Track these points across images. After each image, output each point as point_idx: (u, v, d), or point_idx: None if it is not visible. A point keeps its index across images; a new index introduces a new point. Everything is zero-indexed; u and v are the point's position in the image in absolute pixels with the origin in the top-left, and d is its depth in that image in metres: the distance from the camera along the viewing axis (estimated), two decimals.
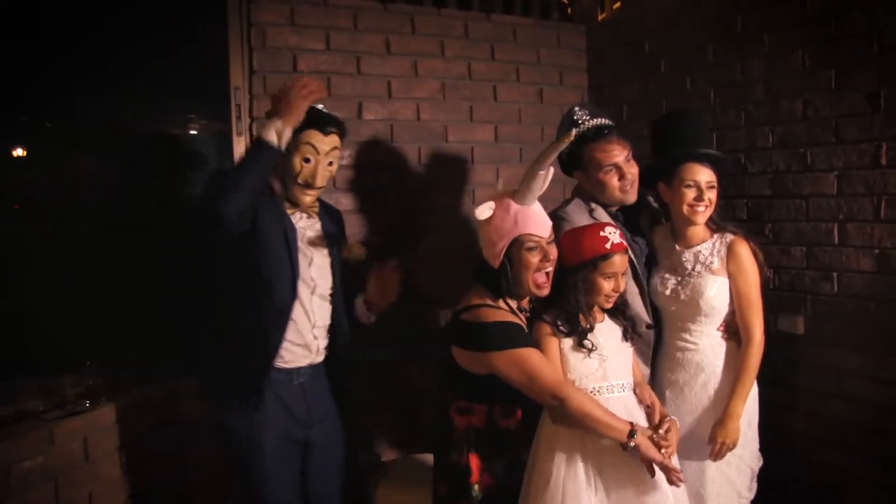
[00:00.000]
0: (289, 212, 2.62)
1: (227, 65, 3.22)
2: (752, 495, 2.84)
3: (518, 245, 2.38)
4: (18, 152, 3.22)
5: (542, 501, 2.35)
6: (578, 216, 2.77)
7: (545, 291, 2.44)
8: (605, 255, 2.42)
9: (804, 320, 3.14)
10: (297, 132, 2.48)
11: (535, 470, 2.43)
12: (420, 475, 2.98)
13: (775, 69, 3.16)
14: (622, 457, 2.32)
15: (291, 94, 2.39)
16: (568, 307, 2.45)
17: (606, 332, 2.51)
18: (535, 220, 2.39)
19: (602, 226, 2.51)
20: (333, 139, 2.60)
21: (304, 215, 2.66)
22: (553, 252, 2.42)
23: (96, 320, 3.14)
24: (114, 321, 3.18)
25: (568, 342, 2.44)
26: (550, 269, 2.42)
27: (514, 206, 2.40)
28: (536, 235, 2.38)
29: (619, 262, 2.45)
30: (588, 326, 2.46)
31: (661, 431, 2.36)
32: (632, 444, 2.26)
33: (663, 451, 2.32)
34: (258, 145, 2.36)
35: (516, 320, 2.39)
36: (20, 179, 3.19)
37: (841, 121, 2.95)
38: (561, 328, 2.44)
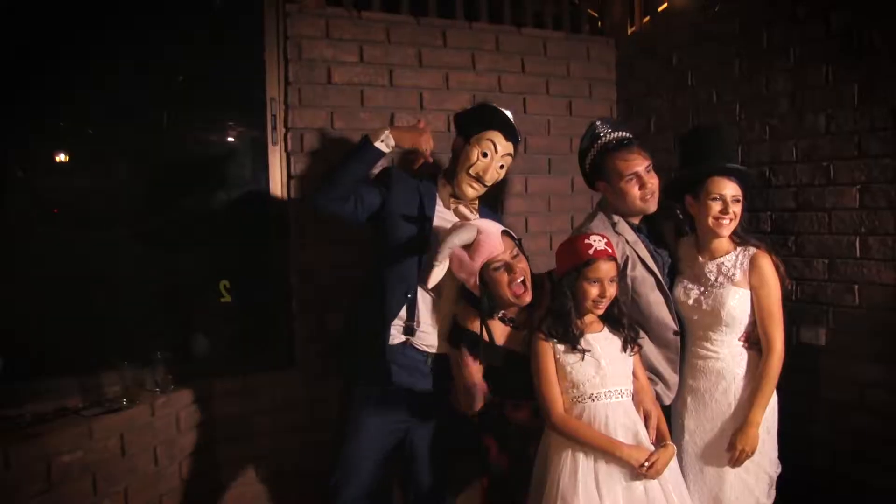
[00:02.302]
0: (451, 205, 2.85)
1: (264, 76, 3.33)
2: (770, 502, 2.87)
3: (486, 270, 2.60)
4: (61, 158, 3.33)
5: (543, 501, 2.49)
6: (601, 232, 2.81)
7: (526, 299, 2.62)
8: (589, 261, 2.53)
9: (826, 332, 3.17)
10: (484, 129, 2.79)
11: (541, 469, 2.58)
12: None
13: (800, 84, 3.21)
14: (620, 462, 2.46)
15: (419, 132, 2.90)
16: (558, 313, 2.57)
17: (604, 341, 2.60)
18: (489, 247, 2.57)
19: (588, 235, 2.61)
20: (510, 147, 2.85)
21: (466, 210, 2.84)
22: (518, 264, 2.61)
23: (133, 322, 3.25)
24: (149, 323, 3.29)
25: (560, 347, 2.55)
26: (522, 278, 2.60)
27: (458, 251, 2.58)
28: (496, 259, 2.58)
29: (605, 268, 2.54)
30: (578, 332, 2.55)
31: (645, 464, 2.44)
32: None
33: (644, 471, 2.44)
34: (364, 142, 2.71)
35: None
36: (62, 185, 3.30)
37: (863, 135, 2.99)
38: (552, 333, 2.56)
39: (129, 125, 3.28)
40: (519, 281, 2.59)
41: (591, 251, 2.53)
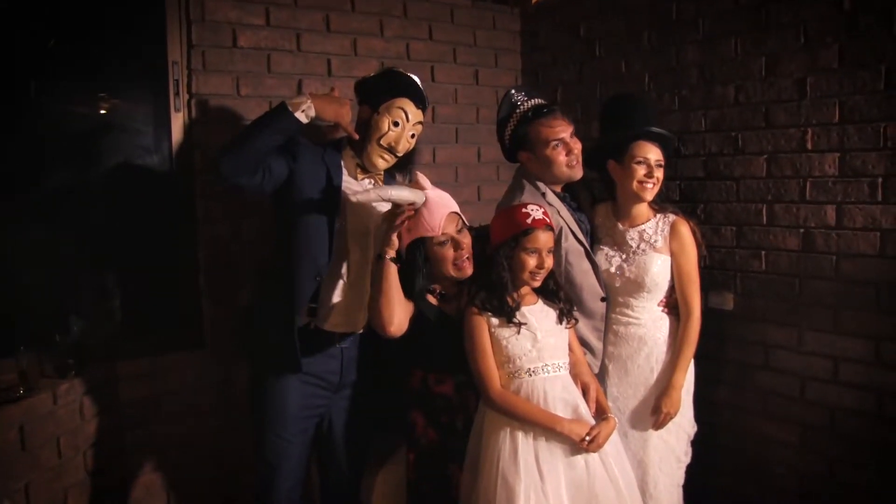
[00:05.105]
0: (359, 177, 2.74)
1: (165, 38, 3.11)
2: (688, 459, 3.00)
3: (430, 245, 2.58)
4: None
5: (481, 480, 2.47)
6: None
7: (468, 272, 2.60)
8: (527, 231, 2.51)
9: (734, 297, 3.30)
10: (393, 96, 2.67)
11: (475, 447, 2.55)
12: None
13: (709, 56, 3.29)
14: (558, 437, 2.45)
15: (340, 103, 2.67)
16: (494, 286, 2.53)
17: (540, 314, 2.58)
18: (430, 223, 2.57)
19: (525, 204, 2.60)
20: (420, 115, 2.75)
21: (372, 182, 2.75)
22: (464, 239, 2.60)
23: (28, 305, 3.00)
24: (46, 305, 3.04)
25: (495, 321, 2.51)
26: (468, 255, 2.60)
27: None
28: (443, 234, 2.58)
29: (543, 238, 2.53)
30: (514, 305, 2.53)
31: (586, 438, 2.43)
32: None
33: (585, 444, 2.44)
34: (281, 110, 2.51)
35: None
36: None
37: (770, 106, 3.11)
38: (487, 306, 2.52)
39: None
40: (465, 258, 2.58)
41: (529, 220, 2.51)
